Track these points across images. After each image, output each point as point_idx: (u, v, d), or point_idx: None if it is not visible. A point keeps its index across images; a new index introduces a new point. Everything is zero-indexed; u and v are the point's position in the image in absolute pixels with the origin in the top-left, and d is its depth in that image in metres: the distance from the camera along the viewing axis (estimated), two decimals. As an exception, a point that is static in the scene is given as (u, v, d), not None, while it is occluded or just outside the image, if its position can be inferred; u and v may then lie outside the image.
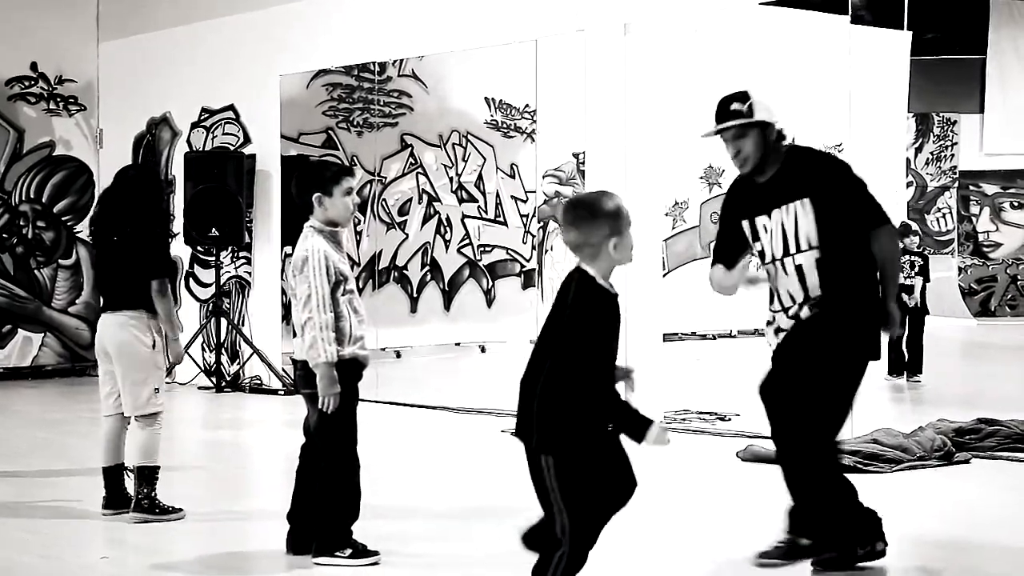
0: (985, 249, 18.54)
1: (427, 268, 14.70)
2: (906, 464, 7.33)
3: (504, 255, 15.35)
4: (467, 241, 15.06)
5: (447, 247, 14.91)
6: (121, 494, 6.29)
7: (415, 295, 14.58)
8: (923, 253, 12.12)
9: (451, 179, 14.87)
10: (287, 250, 11.39)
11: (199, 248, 12.30)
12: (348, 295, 5.28)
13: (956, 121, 18.31)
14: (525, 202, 15.38)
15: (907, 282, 11.84)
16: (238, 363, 11.91)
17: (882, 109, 15.21)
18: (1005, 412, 8.35)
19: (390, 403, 10.48)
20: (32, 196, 12.92)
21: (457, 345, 14.90)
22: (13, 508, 6.59)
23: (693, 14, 9.82)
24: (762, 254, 5.20)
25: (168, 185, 12.40)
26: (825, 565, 5.06)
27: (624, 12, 9.24)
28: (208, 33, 12.31)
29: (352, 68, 12.17)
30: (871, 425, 7.90)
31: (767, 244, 5.15)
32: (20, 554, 5.63)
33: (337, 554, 5.24)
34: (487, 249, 15.25)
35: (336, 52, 11.60)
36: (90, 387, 12.44)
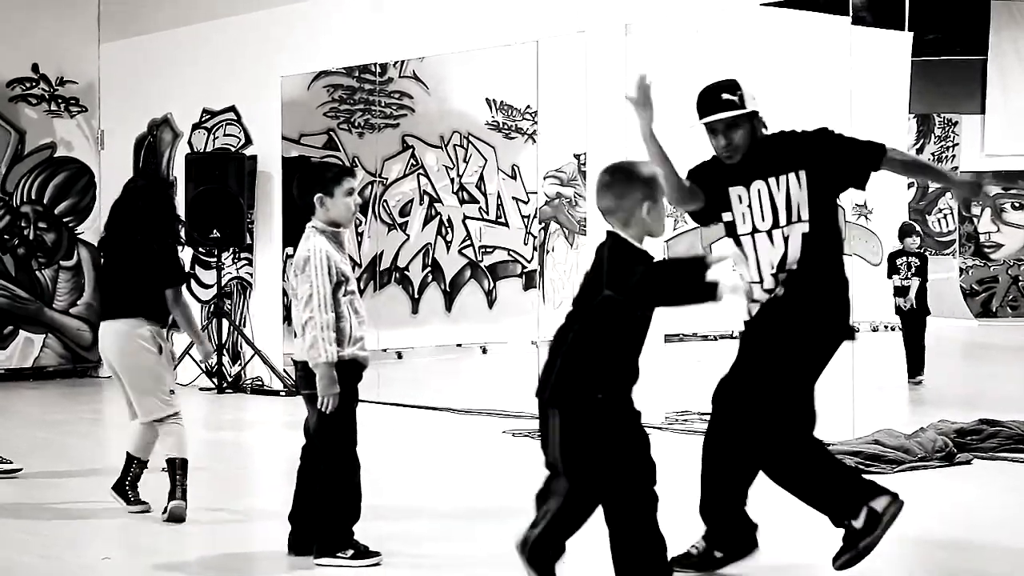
0: (986, 250, 18.53)
1: (428, 269, 14.68)
2: (908, 465, 7.32)
3: (505, 256, 15.33)
4: (468, 242, 15.05)
5: (448, 248, 14.89)
6: (124, 483, 6.34)
7: (416, 296, 14.56)
8: (922, 254, 12.07)
9: (452, 180, 14.85)
10: (288, 251, 11.40)
11: (200, 249, 12.31)
12: (349, 296, 5.28)
13: (957, 122, 18.28)
14: (526, 203, 15.36)
15: (903, 283, 11.82)
16: (239, 364, 11.92)
17: (883, 110, 15.19)
18: (1007, 413, 8.34)
19: (391, 404, 10.48)
20: (33, 197, 12.93)
21: (458, 346, 14.88)
22: (14, 509, 6.59)
23: (694, 15, 9.83)
24: (732, 224, 5.08)
25: (170, 187, 12.40)
26: (848, 564, 4.87)
27: (625, 13, 9.25)
28: (209, 34, 12.32)
29: (353, 69, 12.18)
30: (872, 426, 7.89)
31: (742, 214, 5.02)
32: (20, 554, 5.64)
33: (339, 555, 5.24)
34: (488, 250, 15.23)
35: (337, 53, 11.61)
36: (91, 388, 12.52)
